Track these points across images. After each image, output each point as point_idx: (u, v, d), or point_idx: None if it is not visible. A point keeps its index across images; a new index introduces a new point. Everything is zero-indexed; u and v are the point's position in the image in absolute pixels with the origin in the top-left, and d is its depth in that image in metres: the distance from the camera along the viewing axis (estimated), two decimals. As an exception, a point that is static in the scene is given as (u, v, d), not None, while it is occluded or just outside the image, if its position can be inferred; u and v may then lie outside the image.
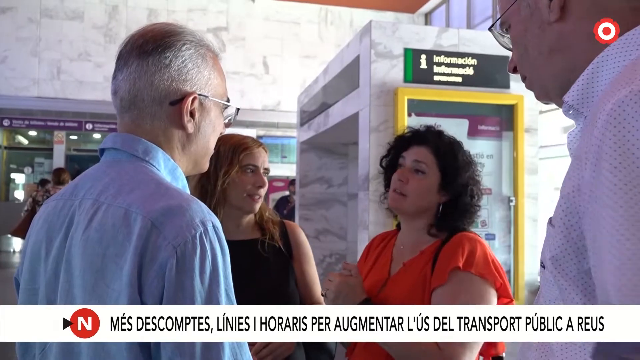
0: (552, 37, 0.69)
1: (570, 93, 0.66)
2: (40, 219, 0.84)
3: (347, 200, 4.90)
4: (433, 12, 11.15)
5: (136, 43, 0.83)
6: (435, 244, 1.36)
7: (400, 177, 1.39)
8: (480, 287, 1.25)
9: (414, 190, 1.36)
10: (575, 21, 0.66)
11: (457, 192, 1.37)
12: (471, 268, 1.25)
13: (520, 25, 0.73)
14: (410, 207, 1.38)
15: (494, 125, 2.94)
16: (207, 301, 0.69)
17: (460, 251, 1.28)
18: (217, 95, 0.89)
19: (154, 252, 0.68)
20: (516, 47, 0.75)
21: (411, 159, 1.39)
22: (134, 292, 0.68)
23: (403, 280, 1.36)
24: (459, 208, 1.37)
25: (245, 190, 1.53)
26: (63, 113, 10.14)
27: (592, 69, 0.63)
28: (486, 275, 1.26)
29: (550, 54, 0.69)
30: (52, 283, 0.78)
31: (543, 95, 0.75)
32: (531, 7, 0.71)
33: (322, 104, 3.98)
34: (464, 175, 1.37)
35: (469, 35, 2.99)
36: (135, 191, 0.74)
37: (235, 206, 1.56)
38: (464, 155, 1.41)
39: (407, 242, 1.44)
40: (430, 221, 1.39)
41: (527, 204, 2.91)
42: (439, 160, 1.37)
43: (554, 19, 0.68)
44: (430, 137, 1.41)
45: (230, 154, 1.54)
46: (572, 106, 0.65)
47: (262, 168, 1.57)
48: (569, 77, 0.67)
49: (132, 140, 0.82)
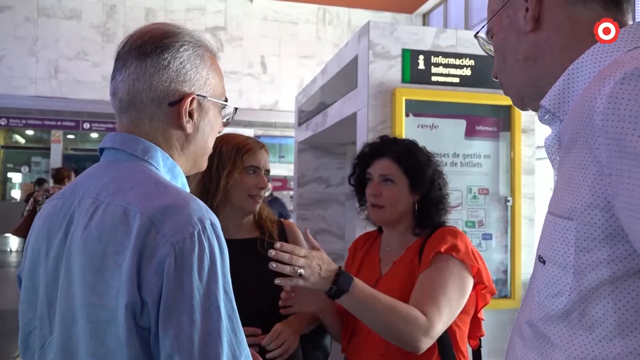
0: (527, 46, 0.74)
1: (547, 98, 0.70)
2: (41, 217, 0.85)
3: (344, 200, 4.91)
4: (431, 13, 11.17)
5: (134, 44, 0.83)
6: (420, 240, 1.47)
7: (374, 192, 1.50)
8: (458, 268, 1.36)
9: (389, 200, 1.48)
10: (549, 32, 0.72)
11: (426, 189, 1.49)
12: (452, 252, 1.36)
13: (501, 33, 0.78)
14: (391, 216, 1.49)
15: (491, 126, 2.94)
16: (205, 298, 0.69)
17: (442, 241, 1.39)
18: (215, 95, 0.89)
19: (153, 250, 0.69)
20: (497, 54, 0.81)
21: (377, 173, 1.51)
22: (133, 289, 0.68)
23: (395, 276, 1.44)
24: (432, 201, 1.49)
25: (247, 191, 1.55)
26: (60, 112, 10.12)
27: (567, 75, 0.68)
28: (466, 259, 1.37)
29: (525, 61, 0.75)
30: (52, 281, 0.78)
31: (518, 101, 0.80)
32: (510, 17, 0.76)
33: (320, 104, 3.99)
34: (428, 171, 1.49)
35: (466, 36, 2.99)
36: (134, 190, 0.75)
37: (236, 206, 1.57)
38: (422, 154, 1.53)
39: (393, 243, 1.53)
40: (411, 221, 1.50)
41: (524, 204, 2.92)
42: (401, 166, 1.48)
43: (529, 29, 0.73)
44: (387, 148, 1.53)
45: (233, 155, 1.56)
46: (548, 110, 0.70)
47: (264, 169, 1.59)
48: (542, 83, 0.73)
49: (131, 140, 0.82)
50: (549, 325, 0.65)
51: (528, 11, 0.72)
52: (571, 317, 0.63)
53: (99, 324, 0.71)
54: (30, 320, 0.83)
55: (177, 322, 0.67)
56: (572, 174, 0.63)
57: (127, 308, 0.68)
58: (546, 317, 0.66)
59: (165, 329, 0.68)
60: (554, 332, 0.65)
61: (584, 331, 0.61)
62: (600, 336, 0.60)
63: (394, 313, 1.25)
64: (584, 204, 0.60)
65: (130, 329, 0.68)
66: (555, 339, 0.64)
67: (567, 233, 0.62)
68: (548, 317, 0.66)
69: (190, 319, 0.67)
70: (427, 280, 1.35)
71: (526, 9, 0.73)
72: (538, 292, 0.68)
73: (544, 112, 0.71)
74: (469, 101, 2.88)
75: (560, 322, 0.64)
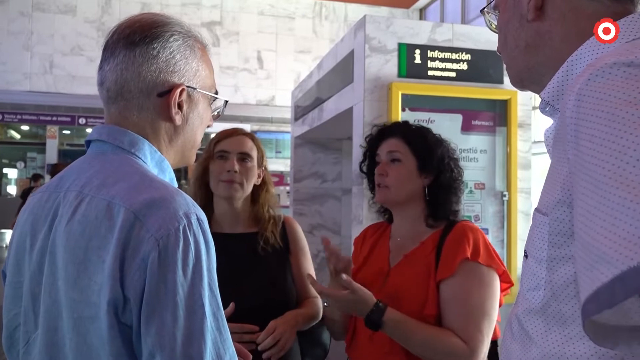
0: (529, 34, 0.74)
1: (546, 90, 0.70)
2: (26, 211, 0.83)
3: (341, 195, 4.90)
4: (428, 7, 11.13)
5: (123, 33, 0.81)
6: (435, 235, 1.39)
7: (380, 172, 1.44)
8: (488, 275, 1.30)
9: (396, 179, 1.41)
10: (551, 22, 0.71)
11: (437, 170, 1.42)
12: (478, 258, 1.30)
13: (505, 13, 0.78)
14: (397, 196, 1.42)
15: (488, 121, 2.94)
16: (189, 295, 0.67)
17: (465, 242, 1.31)
18: (205, 87, 0.88)
19: (137, 245, 0.67)
20: (500, 33, 0.80)
21: (384, 151, 1.45)
22: (115, 285, 0.66)
23: (406, 271, 1.38)
24: (443, 185, 1.42)
25: (217, 176, 1.54)
26: (56, 107, 10.06)
27: (566, 67, 0.67)
28: (492, 263, 1.31)
29: (527, 48, 0.74)
30: (37, 276, 0.77)
31: (517, 82, 0.80)
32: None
33: (316, 99, 3.97)
34: (437, 151, 1.43)
35: (463, 30, 2.98)
36: (118, 183, 0.73)
37: (217, 195, 1.58)
38: (433, 136, 1.47)
39: (404, 233, 1.45)
40: (423, 208, 1.43)
41: (520, 198, 2.92)
42: (410, 145, 1.42)
43: (531, 18, 0.72)
44: (397, 128, 1.49)
45: (209, 146, 1.58)
46: (548, 103, 0.69)
47: (237, 153, 1.55)
48: (542, 71, 0.73)
49: (118, 132, 0.81)
50: (529, 319, 0.66)
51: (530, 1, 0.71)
52: (547, 312, 0.63)
53: (82, 319, 0.69)
54: (15, 316, 0.81)
55: (159, 319, 0.66)
56: (553, 171, 0.63)
57: (109, 304, 0.66)
58: (527, 311, 0.67)
59: (148, 325, 0.66)
60: (532, 327, 0.65)
61: (557, 327, 0.62)
62: (572, 334, 0.60)
63: (433, 349, 1.24)
64: (555, 199, 0.61)
65: (112, 325, 0.67)
66: (533, 333, 0.65)
67: (543, 228, 0.63)
68: (529, 310, 0.66)
69: (173, 315, 0.66)
70: (460, 296, 1.28)
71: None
72: (522, 286, 0.70)
73: (544, 104, 0.70)
74: (465, 96, 2.87)
75: (539, 316, 0.64)
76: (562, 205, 0.60)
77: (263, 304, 1.47)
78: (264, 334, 1.37)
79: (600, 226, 0.47)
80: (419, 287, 1.31)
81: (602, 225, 0.47)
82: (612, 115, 0.49)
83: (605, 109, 0.51)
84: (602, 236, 0.47)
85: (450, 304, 1.29)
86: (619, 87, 0.51)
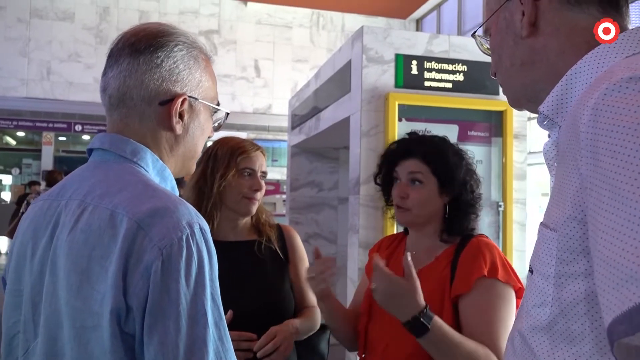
0: (524, 51, 0.73)
1: (545, 104, 0.69)
2: (27, 219, 0.83)
3: (337, 204, 4.90)
4: (424, 18, 11.22)
5: (128, 41, 0.82)
6: (450, 249, 1.37)
7: (400, 194, 1.40)
8: (505, 292, 1.28)
9: (417, 202, 1.38)
10: (545, 37, 0.71)
11: (457, 192, 1.38)
12: (496, 274, 1.27)
13: (497, 35, 0.78)
14: (418, 219, 1.40)
15: (484, 131, 2.96)
16: (192, 304, 0.68)
17: (481, 258, 1.29)
18: (207, 98, 0.88)
19: (140, 254, 0.67)
20: (493, 54, 0.80)
21: (405, 172, 1.41)
22: (118, 294, 0.67)
23: (421, 287, 1.33)
24: (463, 204, 1.39)
25: (241, 193, 1.54)
26: (52, 114, 10.04)
27: (566, 81, 0.67)
28: (509, 280, 1.28)
29: (522, 66, 0.74)
30: (37, 284, 0.77)
31: (514, 102, 0.80)
32: (507, 20, 0.75)
33: (314, 108, 3.99)
34: (459, 173, 1.39)
35: (459, 41, 3.01)
36: (121, 192, 0.73)
37: (231, 209, 1.57)
38: (453, 153, 1.42)
39: (419, 248, 1.43)
40: (440, 225, 1.40)
41: (515, 209, 2.93)
42: (430, 167, 1.38)
43: (525, 34, 0.72)
44: (415, 147, 1.42)
45: (228, 157, 1.55)
46: (547, 116, 0.69)
47: (260, 171, 1.57)
48: (539, 88, 0.72)
49: (120, 140, 0.81)
50: (534, 336, 0.65)
51: (524, 16, 0.71)
52: (554, 330, 0.62)
53: (83, 329, 0.69)
54: (14, 324, 0.81)
55: (162, 329, 0.66)
56: (561, 185, 0.62)
57: (112, 313, 0.66)
58: (532, 327, 0.65)
59: (151, 335, 0.66)
60: (537, 344, 0.64)
61: (565, 345, 0.60)
62: (580, 352, 0.59)
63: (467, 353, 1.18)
64: (565, 215, 0.60)
65: (115, 334, 0.67)
66: (538, 351, 0.63)
67: (551, 244, 0.62)
68: (534, 327, 0.65)
69: (176, 325, 0.66)
70: (483, 314, 1.25)
71: (522, 12, 0.72)
72: (527, 302, 0.68)
73: (543, 118, 0.70)
74: (462, 106, 2.89)
75: (544, 333, 0.63)
76: (573, 221, 0.59)
77: (262, 311, 1.48)
78: (263, 340, 1.38)
79: (628, 244, 0.46)
80: (434, 303, 1.28)
81: (631, 243, 0.46)
82: (635, 131, 0.49)
83: (627, 124, 0.50)
84: (631, 254, 0.46)
85: (471, 320, 1.26)
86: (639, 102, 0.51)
